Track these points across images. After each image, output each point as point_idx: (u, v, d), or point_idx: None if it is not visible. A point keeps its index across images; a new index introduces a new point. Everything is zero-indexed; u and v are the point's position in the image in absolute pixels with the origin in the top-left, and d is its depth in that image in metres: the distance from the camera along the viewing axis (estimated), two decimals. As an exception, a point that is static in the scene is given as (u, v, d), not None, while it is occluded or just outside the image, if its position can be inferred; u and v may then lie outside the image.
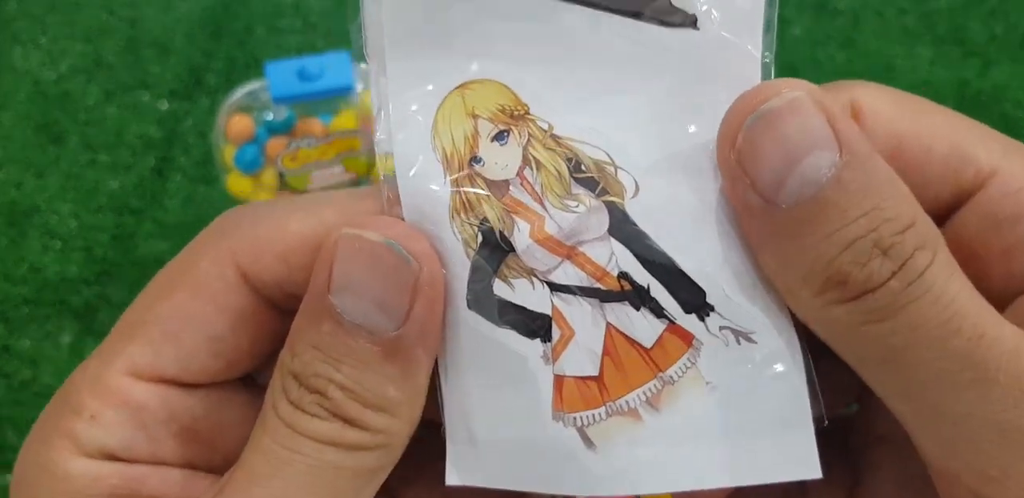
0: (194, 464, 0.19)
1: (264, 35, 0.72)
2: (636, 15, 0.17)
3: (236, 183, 0.48)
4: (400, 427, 0.17)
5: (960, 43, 0.73)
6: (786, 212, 0.16)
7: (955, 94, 0.68)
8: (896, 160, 0.17)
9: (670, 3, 0.17)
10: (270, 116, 0.46)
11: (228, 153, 0.47)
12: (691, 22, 0.17)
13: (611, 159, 0.17)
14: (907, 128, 0.18)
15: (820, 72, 0.70)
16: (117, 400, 0.18)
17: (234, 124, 0.46)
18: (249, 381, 0.20)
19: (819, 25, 0.75)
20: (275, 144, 0.46)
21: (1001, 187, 0.17)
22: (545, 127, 0.17)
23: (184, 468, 0.19)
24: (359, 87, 0.46)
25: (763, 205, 0.16)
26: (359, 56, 0.49)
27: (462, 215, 0.17)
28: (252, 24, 0.73)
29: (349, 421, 0.17)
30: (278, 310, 0.19)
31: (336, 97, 0.45)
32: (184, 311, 0.18)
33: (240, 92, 0.47)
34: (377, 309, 0.16)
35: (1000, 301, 0.17)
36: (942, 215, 0.18)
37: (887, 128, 0.18)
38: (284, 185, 0.48)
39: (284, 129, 0.46)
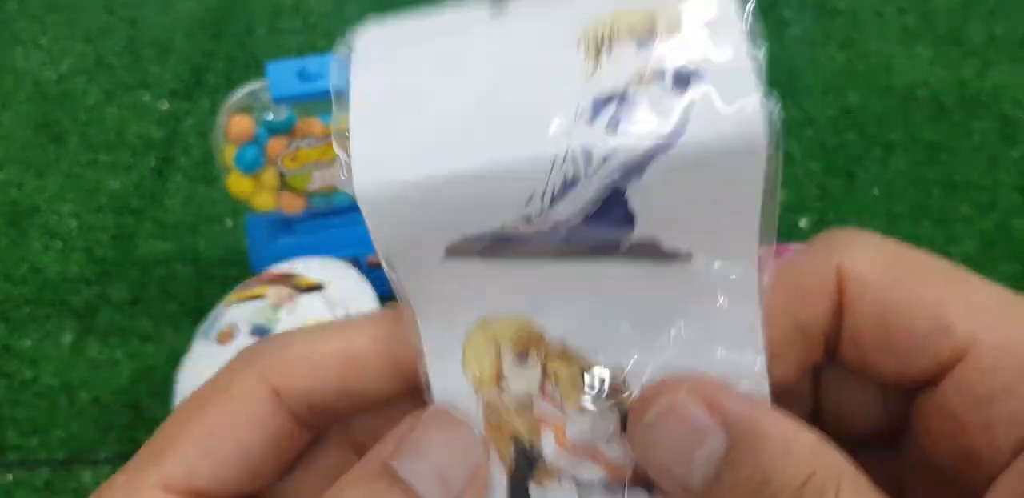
0: None
1: (264, 35, 0.72)
2: (632, 258, 0.19)
3: (236, 183, 0.48)
4: None
5: (959, 43, 0.73)
6: (700, 496, 0.18)
7: (954, 94, 0.68)
8: (880, 331, 0.18)
9: (661, 249, 0.18)
10: (270, 116, 0.46)
11: (228, 153, 0.47)
12: (685, 257, 0.18)
13: (620, 366, 0.19)
14: (891, 298, 0.18)
15: (820, 72, 0.70)
16: None
17: (234, 124, 0.46)
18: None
19: (819, 25, 0.75)
20: (275, 144, 0.46)
21: (977, 363, 0.18)
22: (559, 346, 0.19)
23: None
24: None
25: (682, 491, 0.18)
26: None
27: (495, 431, 0.19)
28: (252, 24, 0.73)
29: None
30: (302, 426, 0.20)
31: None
32: (218, 428, 0.19)
33: (240, 92, 0.47)
34: (438, 480, 0.17)
35: (987, 469, 0.18)
36: (929, 383, 0.19)
37: (872, 298, 0.19)
38: (284, 185, 0.48)
39: (284, 129, 0.46)
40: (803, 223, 0.59)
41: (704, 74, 0.16)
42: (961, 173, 0.63)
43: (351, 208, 0.49)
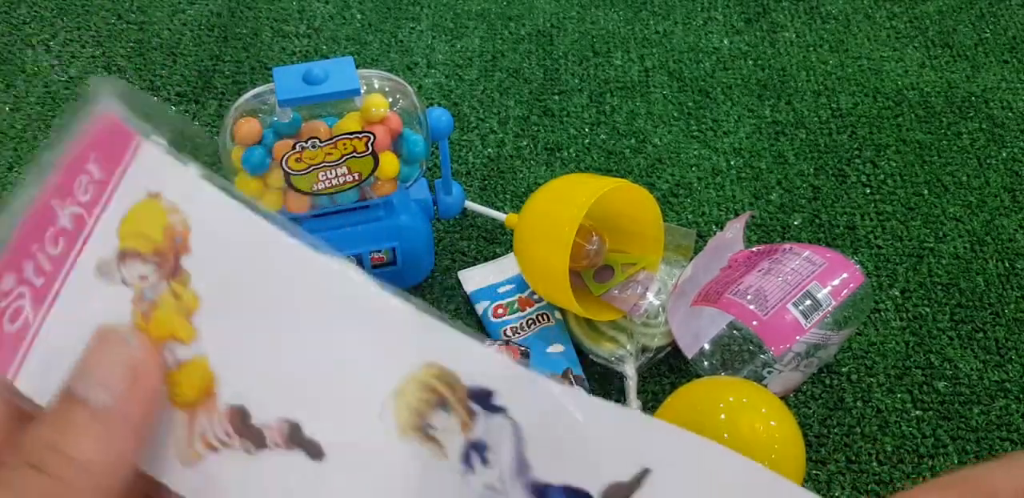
0: None
1: (270, 39, 0.73)
2: None
3: (244, 184, 0.49)
4: (90, 480, 0.20)
5: (949, 46, 0.74)
6: None
7: (944, 96, 0.69)
8: None
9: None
10: (276, 119, 0.47)
11: (236, 155, 0.48)
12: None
13: None
14: None
15: (812, 75, 0.71)
16: None
17: (241, 126, 0.47)
18: None
19: (811, 29, 0.76)
20: (281, 146, 0.47)
21: None
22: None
23: None
24: (363, 90, 0.47)
25: None
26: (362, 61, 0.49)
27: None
28: (258, 29, 0.74)
29: (36, 466, 0.19)
30: None
31: (340, 100, 0.47)
32: None
33: (247, 95, 0.48)
34: (102, 388, 0.20)
35: None
36: None
37: None
38: (290, 186, 0.49)
39: (290, 131, 0.47)
40: (796, 222, 0.60)
41: (494, 393, 0.20)
42: (950, 174, 0.64)
43: (354, 208, 0.51)
